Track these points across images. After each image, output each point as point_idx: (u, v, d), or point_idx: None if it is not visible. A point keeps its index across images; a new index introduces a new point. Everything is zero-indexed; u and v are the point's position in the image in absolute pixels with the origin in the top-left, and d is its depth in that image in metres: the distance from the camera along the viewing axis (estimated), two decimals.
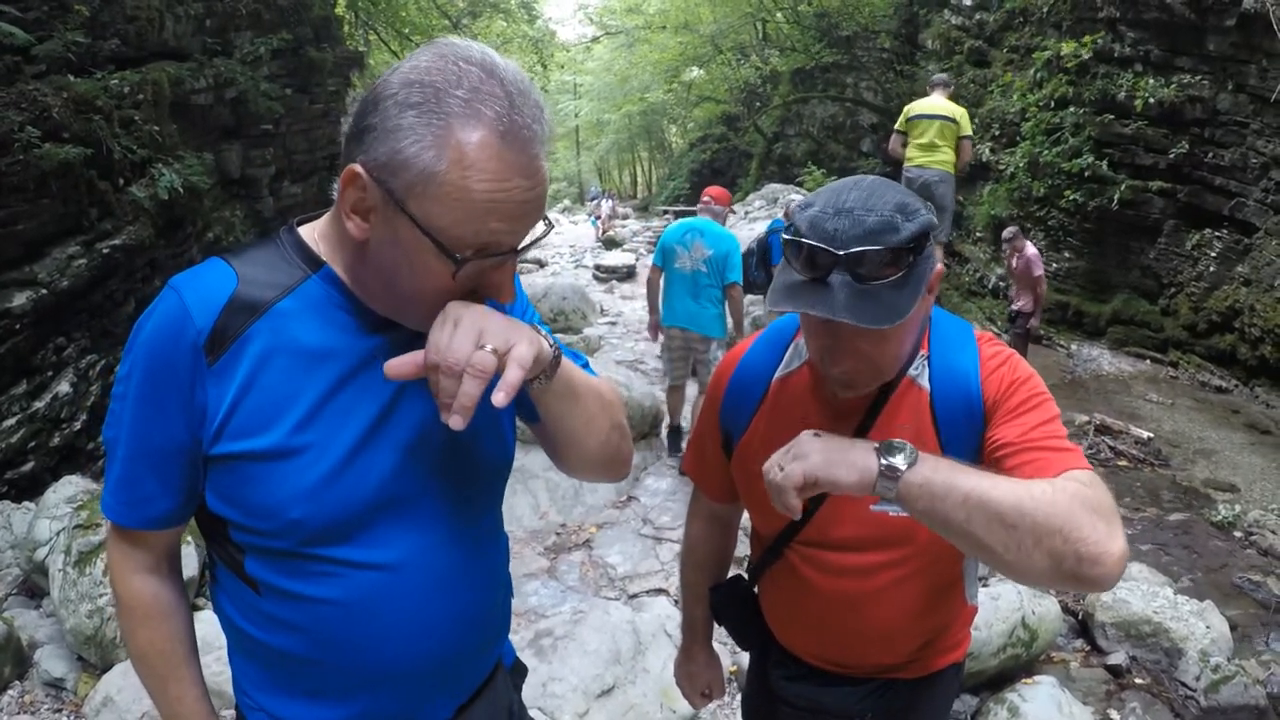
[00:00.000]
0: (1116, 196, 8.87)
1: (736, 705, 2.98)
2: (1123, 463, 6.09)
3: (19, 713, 3.02)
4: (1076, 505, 0.94)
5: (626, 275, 12.45)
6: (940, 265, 1.15)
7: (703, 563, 1.63)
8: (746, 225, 12.62)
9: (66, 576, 3.15)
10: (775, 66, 19.86)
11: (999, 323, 9.09)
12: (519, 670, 1.35)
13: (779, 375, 1.35)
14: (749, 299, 7.42)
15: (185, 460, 0.96)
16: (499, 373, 0.85)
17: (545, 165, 0.90)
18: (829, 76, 17.49)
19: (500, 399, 0.83)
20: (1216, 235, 8.33)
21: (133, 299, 5.49)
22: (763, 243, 6.44)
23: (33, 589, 3.57)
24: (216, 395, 0.93)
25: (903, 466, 0.98)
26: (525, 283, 11.00)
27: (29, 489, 4.25)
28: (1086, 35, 9.27)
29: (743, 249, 6.75)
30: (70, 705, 3.06)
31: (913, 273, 1.07)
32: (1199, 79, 8.31)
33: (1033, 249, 7.79)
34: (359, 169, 0.87)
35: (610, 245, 16.27)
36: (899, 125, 7.00)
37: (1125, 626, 3.63)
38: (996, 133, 10.80)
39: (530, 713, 1.40)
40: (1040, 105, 9.90)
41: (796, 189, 14.07)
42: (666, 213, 18.87)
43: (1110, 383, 8.37)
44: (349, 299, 0.98)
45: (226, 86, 7.54)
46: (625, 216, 23.12)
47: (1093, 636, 3.72)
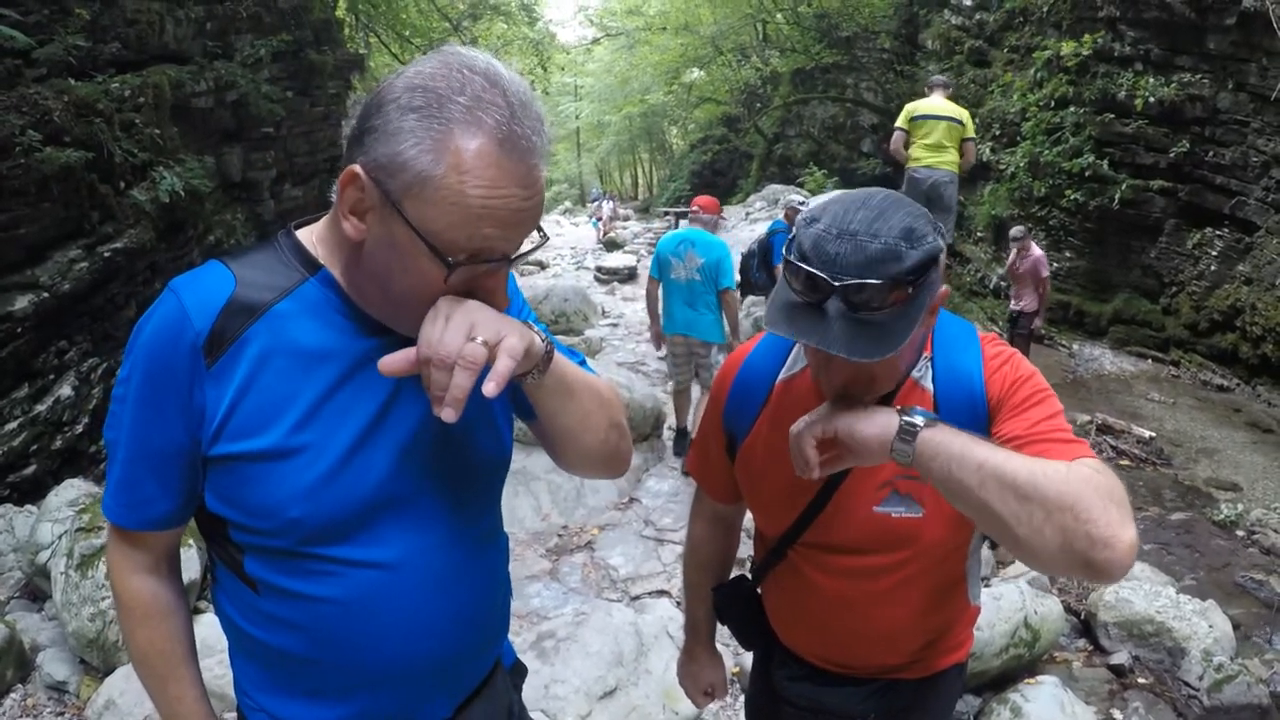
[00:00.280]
0: (1117, 196, 8.87)
1: (739, 706, 2.98)
2: (1125, 462, 6.08)
3: (21, 716, 3.02)
4: (1089, 488, 0.94)
5: (628, 277, 12.45)
6: (945, 288, 1.12)
7: (706, 563, 1.64)
8: (747, 226, 12.63)
9: (69, 579, 3.15)
10: (775, 67, 19.88)
11: (1000, 323, 9.09)
12: (519, 671, 1.35)
13: (782, 378, 1.36)
14: (750, 300, 7.43)
15: (184, 462, 0.97)
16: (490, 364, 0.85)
17: (543, 176, 0.90)
18: (829, 77, 17.50)
19: (491, 389, 0.83)
20: (1217, 234, 8.33)
21: (134, 302, 5.49)
22: (764, 244, 6.46)
23: (35, 592, 3.57)
24: (215, 396, 0.94)
25: (920, 424, 1.00)
26: (526, 284, 10.99)
27: (31, 492, 4.25)
28: (1086, 34, 9.27)
29: (744, 250, 6.79)
30: (72, 709, 3.05)
31: (914, 302, 1.04)
32: (1199, 78, 8.31)
33: (1039, 249, 7.79)
34: (358, 169, 0.88)
35: (611, 247, 16.27)
36: (901, 124, 6.85)
37: (1128, 626, 3.63)
38: (997, 132, 10.80)
39: (532, 714, 1.40)
40: (1041, 105, 9.91)
41: (797, 190, 14.07)
42: (667, 214, 18.84)
43: (1112, 382, 8.37)
44: (346, 302, 0.98)
45: (227, 89, 7.55)
46: (626, 218, 23.11)
47: (1095, 636, 3.72)
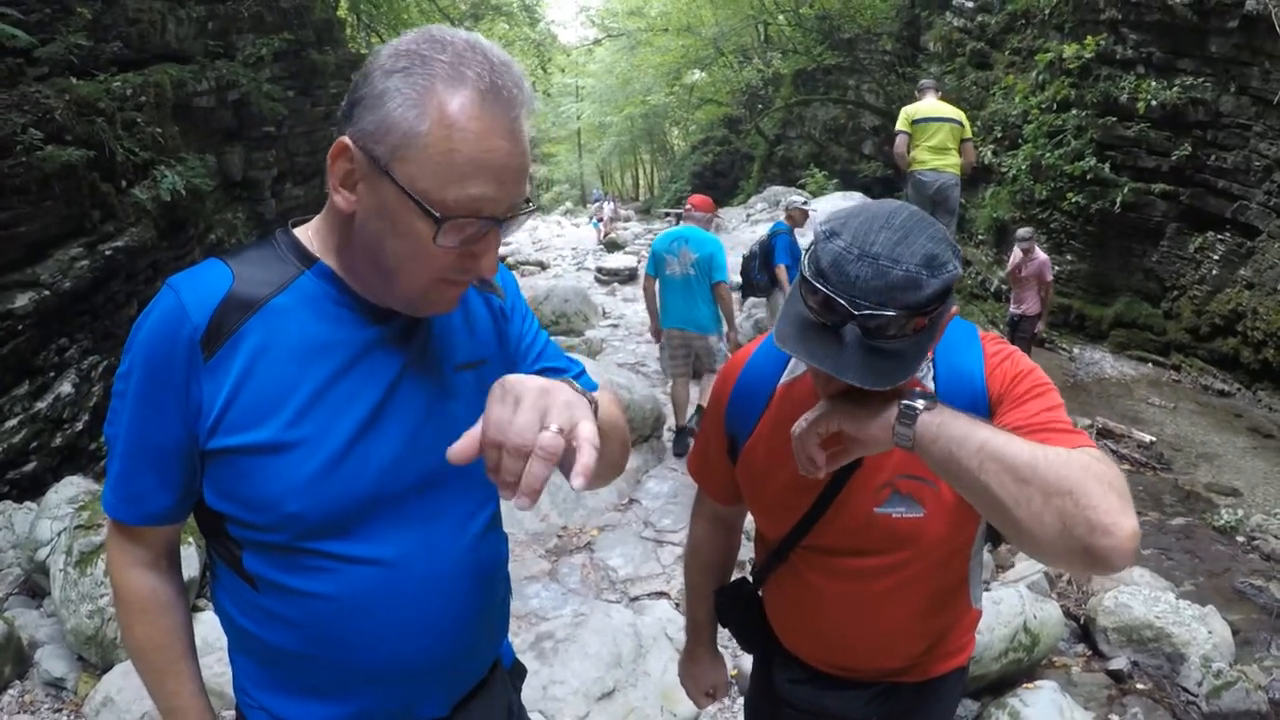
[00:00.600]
0: (1119, 199, 8.87)
1: (738, 708, 2.97)
2: (1125, 466, 6.08)
3: (19, 712, 3.02)
4: (1089, 475, 0.93)
5: (628, 278, 12.43)
6: (954, 308, 1.12)
7: (707, 564, 1.63)
8: (749, 228, 12.63)
9: (67, 577, 3.15)
10: (777, 69, 19.92)
11: (1001, 327, 9.09)
12: (518, 671, 1.34)
13: (784, 381, 1.35)
14: (751, 301, 7.43)
15: (183, 457, 0.97)
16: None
17: (527, 133, 0.91)
18: (831, 79, 17.52)
19: (580, 484, 0.80)
20: (1219, 238, 8.33)
21: (135, 300, 5.49)
22: (765, 245, 6.46)
23: (34, 589, 3.57)
24: (212, 390, 0.94)
25: (920, 406, 1.00)
26: (527, 285, 10.96)
27: (31, 489, 4.26)
28: (1088, 37, 9.28)
29: (745, 252, 6.79)
30: (70, 705, 3.05)
31: (930, 329, 1.05)
32: (1201, 81, 8.31)
33: (1043, 252, 7.80)
34: (347, 140, 0.89)
35: (612, 248, 16.23)
36: (903, 127, 6.86)
37: (1127, 631, 3.62)
38: (998, 135, 10.81)
39: (531, 715, 1.40)
40: (1042, 107, 9.91)
41: (798, 191, 14.08)
42: (668, 215, 18.85)
43: (1112, 386, 8.37)
44: (343, 292, 0.99)
45: (229, 89, 7.56)
46: (627, 219, 23.06)
47: (1094, 641, 3.71)
